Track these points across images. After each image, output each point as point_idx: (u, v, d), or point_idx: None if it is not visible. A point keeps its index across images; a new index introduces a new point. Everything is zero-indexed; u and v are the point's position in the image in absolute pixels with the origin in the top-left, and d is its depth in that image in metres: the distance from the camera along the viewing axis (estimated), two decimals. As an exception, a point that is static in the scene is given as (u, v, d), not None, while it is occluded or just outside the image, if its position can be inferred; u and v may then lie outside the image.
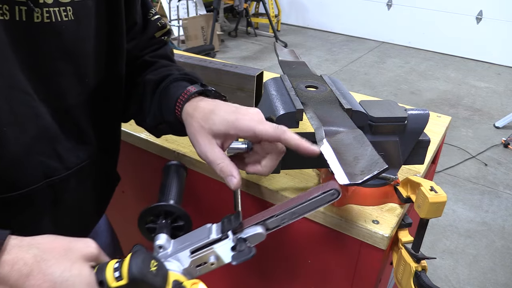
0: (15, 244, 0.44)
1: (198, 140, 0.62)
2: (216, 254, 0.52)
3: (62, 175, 0.67)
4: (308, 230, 0.81)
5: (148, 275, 0.46)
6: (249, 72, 1.11)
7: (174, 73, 0.75)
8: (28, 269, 0.43)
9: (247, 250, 0.51)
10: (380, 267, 0.76)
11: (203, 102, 0.65)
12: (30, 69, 0.59)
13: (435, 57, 5.41)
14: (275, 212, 0.52)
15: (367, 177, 0.54)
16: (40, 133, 0.62)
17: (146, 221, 0.60)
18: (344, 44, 5.86)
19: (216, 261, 0.52)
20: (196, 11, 5.29)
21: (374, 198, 0.77)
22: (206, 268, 0.53)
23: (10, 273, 0.42)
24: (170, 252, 0.54)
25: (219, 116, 0.61)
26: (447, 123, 1.12)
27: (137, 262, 0.46)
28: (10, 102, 0.57)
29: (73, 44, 0.64)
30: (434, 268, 2.17)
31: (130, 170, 1.03)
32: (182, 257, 0.52)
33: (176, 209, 0.60)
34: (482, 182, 2.89)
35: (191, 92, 0.67)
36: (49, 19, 0.59)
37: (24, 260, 0.43)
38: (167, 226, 0.58)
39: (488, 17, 5.18)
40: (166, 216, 0.60)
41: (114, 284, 0.46)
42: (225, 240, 0.52)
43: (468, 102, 4.13)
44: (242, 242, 0.51)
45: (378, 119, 0.73)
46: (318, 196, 0.51)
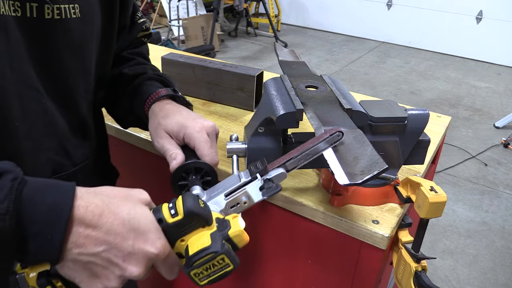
0: (84, 191, 0.50)
1: (157, 133, 0.72)
2: (248, 194, 0.60)
3: (69, 171, 0.70)
4: (308, 230, 0.81)
5: (200, 209, 0.54)
6: (249, 72, 1.11)
7: (149, 72, 0.83)
8: (99, 210, 0.49)
9: (274, 187, 0.59)
10: (380, 267, 0.76)
11: (169, 105, 0.75)
12: (41, 65, 0.61)
13: (435, 57, 5.41)
14: (292, 155, 0.60)
15: (367, 177, 0.54)
16: (49, 129, 0.64)
17: (178, 179, 0.67)
18: (344, 44, 5.86)
19: (248, 200, 0.60)
20: (196, 11, 5.30)
21: (374, 198, 0.77)
22: (239, 208, 0.61)
23: (85, 214, 0.47)
24: (205, 199, 0.61)
25: (175, 119, 0.70)
26: (447, 123, 1.12)
27: (190, 199, 0.54)
28: (21, 98, 0.58)
29: (80, 41, 0.66)
30: (434, 268, 2.17)
31: (130, 170, 1.03)
32: (218, 200, 0.60)
33: (204, 165, 0.67)
34: (482, 182, 2.89)
35: (161, 94, 0.76)
36: (59, 15, 0.60)
37: (95, 203, 0.49)
38: (198, 181, 0.66)
39: (488, 17, 5.18)
40: (196, 172, 0.67)
41: (171, 220, 0.53)
42: (255, 181, 0.60)
43: (468, 102, 4.13)
44: (269, 182, 0.60)
45: (378, 119, 0.73)
46: (326, 138, 0.59)
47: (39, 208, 0.45)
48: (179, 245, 0.55)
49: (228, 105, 1.17)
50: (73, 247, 0.47)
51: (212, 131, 0.71)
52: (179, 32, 5.13)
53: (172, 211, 0.54)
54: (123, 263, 0.50)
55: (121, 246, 0.49)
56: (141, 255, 0.50)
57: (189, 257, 0.53)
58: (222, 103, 1.18)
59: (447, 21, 5.40)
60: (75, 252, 0.48)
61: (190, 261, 0.53)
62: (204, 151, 0.68)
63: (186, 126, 0.69)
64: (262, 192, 0.60)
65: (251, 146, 0.76)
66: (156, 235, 0.52)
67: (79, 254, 0.48)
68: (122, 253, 0.49)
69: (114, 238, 0.49)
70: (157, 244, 0.51)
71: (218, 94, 1.17)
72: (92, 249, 0.48)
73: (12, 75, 0.56)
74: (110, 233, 0.49)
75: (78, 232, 0.47)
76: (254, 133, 0.76)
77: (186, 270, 0.54)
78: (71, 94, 0.68)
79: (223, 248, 0.52)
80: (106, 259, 0.49)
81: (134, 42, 0.89)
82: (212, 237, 0.53)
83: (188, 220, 0.53)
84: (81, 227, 0.47)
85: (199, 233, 0.55)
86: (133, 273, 0.50)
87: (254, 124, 0.78)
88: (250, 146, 0.76)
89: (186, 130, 0.69)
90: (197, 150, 0.68)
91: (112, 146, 0.89)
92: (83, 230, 0.47)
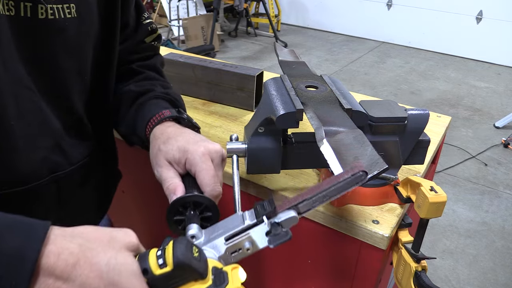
0: (58, 233, 0.43)
1: (156, 161, 0.66)
2: (252, 239, 0.52)
3: (66, 170, 0.69)
4: (308, 230, 0.81)
5: (192, 260, 0.46)
6: (249, 72, 1.11)
7: (156, 90, 0.78)
8: (74, 259, 0.42)
9: (284, 233, 0.51)
10: (380, 267, 0.76)
11: (171, 128, 0.69)
12: (33, 65, 0.60)
13: (435, 57, 5.41)
14: (307, 196, 0.52)
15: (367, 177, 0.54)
16: (44, 128, 0.64)
17: (174, 213, 0.60)
18: (344, 44, 5.86)
19: (251, 246, 0.53)
20: (196, 11, 5.30)
21: (374, 198, 0.77)
22: (241, 254, 0.53)
23: (56, 264, 0.41)
24: (203, 241, 0.53)
25: (176, 144, 0.64)
26: (447, 123, 1.12)
27: (181, 248, 0.46)
28: (16, 97, 0.58)
29: (76, 41, 0.65)
30: (434, 268, 2.17)
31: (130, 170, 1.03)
32: (217, 244, 0.52)
33: (204, 199, 0.60)
34: (482, 182, 2.89)
35: (164, 116, 0.71)
36: (53, 15, 0.60)
37: (70, 250, 0.42)
38: (196, 217, 0.58)
39: (488, 17, 5.18)
40: (195, 207, 0.60)
41: (159, 271, 0.45)
42: (260, 225, 0.52)
43: (468, 102, 4.13)
44: (277, 226, 0.51)
45: (378, 119, 0.73)
46: (348, 178, 0.51)
47: (2, 250, 0.39)
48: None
49: (228, 105, 1.17)
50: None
51: (218, 156, 0.65)
52: (179, 32, 5.13)
53: (160, 260, 0.46)
54: None
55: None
56: None
57: None
58: (222, 103, 1.18)
59: (447, 21, 5.40)
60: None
61: None
62: (204, 180, 0.61)
63: (187, 151, 0.63)
64: (268, 238, 0.52)
65: (251, 146, 0.76)
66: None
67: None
68: None
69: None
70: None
71: (218, 94, 1.17)
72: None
73: (6, 75, 0.56)
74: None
75: (46, 284, 0.40)
76: (254, 133, 0.76)
77: None
78: (66, 94, 0.67)
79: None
80: None
81: (143, 48, 0.85)
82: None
83: (179, 272, 0.46)
84: (50, 278, 0.40)
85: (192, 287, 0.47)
86: None
87: (254, 124, 0.78)
88: (250, 146, 0.76)
89: (188, 155, 0.63)
90: (198, 178, 0.62)
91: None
92: (52, 282, 0.41)
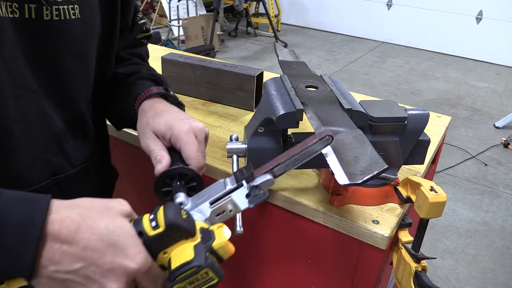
0: (59, 205, 0.48)
1: (144, 133, 0.70)
2: (234, 202, 0.57)
3: (68, 173, 0.69)
4: (308, 230, 0.81)
5: (182, 221, 0.52)
6: (249, 72, 1.11)
7: (142, 71, 0.82)
8: (75, 225, 0.47)
9: (261, 194, 0.56)
10: (380, 267, 0.76)
11: (159, 104, 0.73)
12: (39, 67, 0.60)
13: (435, 57, 5.41)
14: (280, 160, 0.57)
15: (367, 177, 0.54)
16: (47, 130, 0.64)
17: (162, 185, 0.65)
18: (344, 44, 5.86)
19: (234, 208, 0.58)
20: (196, 11, 5.30)
21: (374, 198, 0.77)
22: (225, 216, 0.58)
23: (60, 230, 0.46)
24: (190, 207, 0.59)
25: (163, 119, 0.68)
26: (447, 123, 1.12)
27: (171, 211, 0.52)
28: (18, 100, 0.58)
29: (80, 43, 0.65)
30: (434, 268, 2.17)
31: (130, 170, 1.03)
32: (203, 208, 0.58)
33: (189, 171, 0.65)
34: (482, 182, 2.89)
35: (153, 92, 0.74)
36: (58, 17, 0.60)
37: (71, 218, 0.47)
38: (182, 187, 0.63)
39: (488, 17, 5.18)
40: (181, 178, 0.65)
41: (152, 232, 0.51)
42: (241, 188, 0.57)
43: (468, 102, 4.13)
44: (255, 189, 0.57)
45: (378, 119, 0.73)
46: (316, 142, 0.56)
47: (10, 222, 0.44)
48: (161, 258, 0.53)
49: (228, 105, 1.17)
50: (48, 264, 0.46)
51: (201, 133, 0.69)
52: (179, 32, 5.13)
53: (153, 223, 0.52)
54: (102, 279, 0.48)
55: (100, 263, 0.48)
56: (120, 271, 0.49)
57: (171, 272, 0.51)
58: (222, 103, 1.18)
59: (447, 21, 5.40)
60: (51, 269, 0.46)
61: (173, 276, 0.51)
62: (190, 154, 0.65)
63: (173, 127, 0.67)
64: (248, 199, 0.57)
65: (251, 146, 0.76)
66: (136, 249, 0.50)
67: (55, 271, 0.46)
68: (101, 270, 0.48)
69: (92, 254, 0.47)
70: (137, 259, 0.49)
71: (218, 94, 1.17)
72: (69, 266, 0.47)
73: (9, 77, 0.56)
74: (88, 249, 0.47)
75: (53, 249, 0.45)
76: (254, 133, 0.76)
77: (169, 284, 0.51)
78: (70, 95, 0.67)
79: (207, 261, 0.50)
80: (84, 276, 0.48)
81: (133, 42, 0.88)
82: (195, 250, 0.51)
83: (170, 232, 0.51)
84: (56, 243, 0.46)
85: (182, 245, 0.53)
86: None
87: (254, 124, 0.78)
88: (250, 146, 0.76)
89: (173, 132, 0.67)
90: (183, 152, 0.66)
91: (112, 146, 0.89)
92: (58, 247, 0.46)
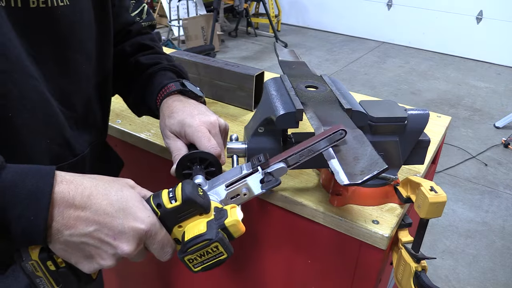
0: (72, 175, 0.52)
1: (165, 133, 0.74)
2: (248, 186, 0.61)
3: (70, 161, 0.69)
4: (308, 230, 0.81)
5: (198, 197, 0.55)
6: (249, 71, 1.12)
7: (163, 62, 0.84)
8: (88, 191, 0.51)
9: (274, 180, 0.60)
10: (380, 267, 0.76)
11: (176, 102, 0.75)
12: (34, 54, 0.60)
13: (435, 57, 5.41)
14: (294, 150, 0.60)
15: (367, 177, 0.54)
16: (48, 118, 0.64)
17: (183, 168, 0.69)
18: (344, 44, 5.86)
19: (248, 192, 0.61)
20: (196, 11, 5.30)
21: (374, 198, 0.77)
22: (239, 199, 0.62)
23: (74, 196, 0.50)
24: (207, 188, 0.62)
25: (177, 119, 0.72)
26: (447, 123, 1.12)
27: (188, 187, 0.56)
28: (20, 87, 0.58)
29: (70, 29, 0.65)
30: (434, 268, 2.17)
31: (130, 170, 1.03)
32: (219, 190, 0.61)
33: (209, 155, 0.68)
34: (482, 182, 2.89)
35: (171, 90, 0.77)
36: (44, 3, 0.59)
37: (84, 185, 0.51)
38: (201, 171, 0.67)
39: (488, 17, 5.18)
40: (201, 162, 0.68)
41: (170, 205, 0.55)
42: (256, 174, 0.61)
43: (468, 102, 4.13)
44: (269, 175, 0.60)
45: (378, 119, 0.73)
46: (329, 135, 0.59)
47: (19, 191, 0.47)
48: (176, 231, 0.57)
49: (229, 104, 1.17)
50: (63, 229, 0.49)
51: (213, 126, 0.71)
52: (179, 32, 5.13)
53: (171, 195, 0.56)
54: (115, 241, 0.52)
55: (111, 225, 0.51)
56: (131, 232, 0.52)
57: (184, 243, 0.55)
58: (223, 101, 1.19)
59: (447, 21, 5.40)
60: (66, 233, 0.49)
61: (185, 247, 0.54)
62: (201, 145, 0.68)
63: (185, 124, 0.70)
64: (262, 185, 0.60)
65: (251, 146, 0.76)
66: (144, 213, 0.54)
67: (70, 235, 0.50)
68: (113, 232, 0.51)
69: (104, 217, 0.51)
70: (146, 221, 0.53)
71: (220, 93, 1.18)
72: (83, 229, 0.50)
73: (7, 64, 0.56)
74: (100, 213, 0.51)
75: (68, 214, 0.49)
76: (254, 133, 0.76)
77: (180, 255, 0.55)
78: (66, 82, 0.67)
79: (218, 236, 0.53)
80: (98, 239, 0.51)
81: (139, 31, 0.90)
82: (208, 225, 0.55)
83: (186, 206, 0.55)
84: (71, 209, 0.49)
85: (197, 220, 0.56)
86: (125, 251, 0.52)
87: (254, 124, 0.78)
88: (250, 146, 0.76)
89: (186, 129, 0.70)
90: (197, 144, 0.69)
91: (112, 146, 0.89)
92: (73, 212, 0.49)
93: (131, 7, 0.89)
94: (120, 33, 0.86)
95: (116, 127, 1.02)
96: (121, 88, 0.88)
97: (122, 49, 0.86)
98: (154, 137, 0.98)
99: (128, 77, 0.85)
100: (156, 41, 0.92)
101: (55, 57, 0.63)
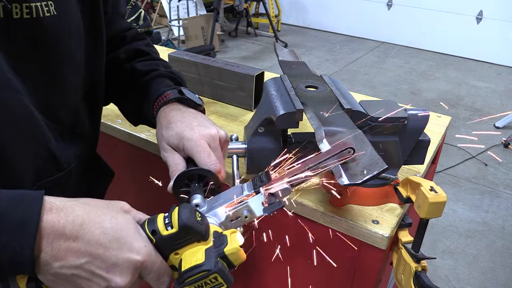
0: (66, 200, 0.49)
1: (162, 146, 0.70)
2: (249, 208, 0.57)
3: (55, 176, 0.67)
4: (308, 230, 0.81)
5: (195, 223, 0.52)
6: (249, 71, 1.12)
7: (160, 69, 0.80)
8: (80, 219, 0.48)
9: (277, 203, 0.56)
10: (380, 267, 0.76)
11: (174, 112, 0.72)
12: (18, 67, 0.57)
13: (435, 57, 5.41)
14: (299, 170, 0.57)
15: (367, 177, 0.54)
16: (33, 132, 0.61)
17: (180, 186, 0.65)
18: (344, 44, 5.86)
19: (249, 214, 0.57)
20: (196, 11, 5.30)
21: (374, 198, 0.77)
22: (240, 222, 0.58)
23: (65, 225, 0.47)
24: (205, 209, 0.59)
25: (175, 131, 0.68)
26: (447, 123, 1.12)
27: (185, 212, 0.52)
28: (3, 102, 0.56)
29: (58, 40, 0.62)
30: (434, 268, 2.17)
31: (130, 170, 1.03)
32: (218, 212, 0.58)
33: (208, 173, 0.64)
34: (482, 182, 2.89)
35: (169, 98, 0.74)
36: (29, 14, 0.57)
37: (75, 212, 0.48)
38: (200, 189, 0.63)
39: (488, 17, 5.18)
40: (199, 179, 0.65)
41: (165, 232, 0.52)
42: (258, 195, 0.57)
43: (468, 102, 4.13)
44: (272, 197, 0.56)
45: (378, 119, 0.73)
46: (335, 153, 0.56)
47: (9, 218, 0.44)
48: (173, 258, 0.54)
49: (229, 104, 1.17)
50: (53, 260, 0.46)
51: (213, 140, 0.68)
52: (179, 32, 5.13)
53: (166, 222, 0.52)
54: (108, 274, 0.49)
55: (105, 257, 0.48)
56: (126, 264, 0.49)
57: (181, 273, 0.51)
58: (223, 101, 1.18)
59: (447, 21, 5.40)
60: (56, 265, 0.47)
61: (182, 278, 0.51)
62: (201, 161, 0.64)
63: (184, 137, 0.67)
64: (264, 207, 0.57)
65: (251, 146, 0.76)
66: (140, 242, 0.51)
67: (60, 267, 0.47)
68: (106, 264, 0.48)
69: (97, 248, 0.48)
70: (142, 251, 0.50)
71: (220, 93, 1.18)
72: (74, 261, 0.47)
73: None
74: (92, 244, 0.48)
75: (58, 245, 0.46)
76: (254, 133, 0.76)
77: (178, 286, 0.52)
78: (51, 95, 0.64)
79: (216, 266, 0.50)
80: (90, 271, 0.48)
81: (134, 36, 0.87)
82: (206, 254, 0.51)
83: (183, 234, 0.52)
84: (61, 239, 0.46)
85: (194, 248, 0.53)
86: (119, 284, 0.49)
87: (254, 124, 0.78)
88: (250, 146, 0.76)
89: (185, 142, 0.66)
90: (195, 160, 0.65)
91: (112, 146, 0.89)
92: (63, 243, 0.46)
93: (127, 13, 0.86)
94: (114, 40, 0.82)
95: (116, 127, 1.02)
96: (115, 96, 0.85)
97: (116, 56, 0.83)
98: (154, 137, 0.97)
99: (123, 85, 0.82)
100: (152, 47, 0.89)
101: (40, 69, 0.61)
